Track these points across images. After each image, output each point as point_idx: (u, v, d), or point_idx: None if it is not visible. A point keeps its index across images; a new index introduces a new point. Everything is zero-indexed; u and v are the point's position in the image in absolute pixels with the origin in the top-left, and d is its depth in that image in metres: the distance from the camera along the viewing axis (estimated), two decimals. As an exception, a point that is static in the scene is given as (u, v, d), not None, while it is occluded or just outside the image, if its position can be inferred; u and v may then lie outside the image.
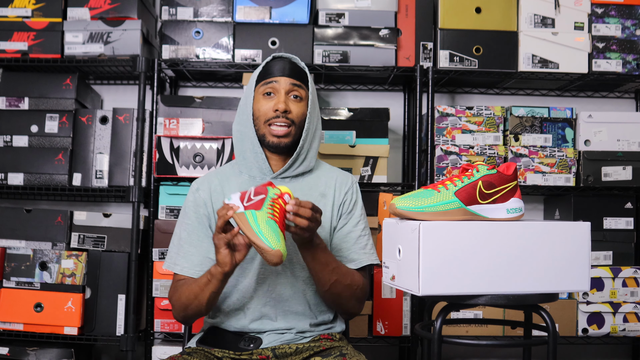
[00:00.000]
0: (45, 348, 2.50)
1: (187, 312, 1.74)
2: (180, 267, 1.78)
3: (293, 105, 1.79)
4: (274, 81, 1.79)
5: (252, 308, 1.76)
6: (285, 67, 1.81)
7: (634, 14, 2.73)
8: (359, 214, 1.86)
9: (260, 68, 1.84)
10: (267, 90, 1.80)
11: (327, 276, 1.70)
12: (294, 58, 1.85)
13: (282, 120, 1.77)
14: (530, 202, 2.98)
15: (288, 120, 1.77)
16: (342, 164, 2.58)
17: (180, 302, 1.74)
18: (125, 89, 3.00)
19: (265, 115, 1.79)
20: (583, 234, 1.57)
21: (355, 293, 1.78)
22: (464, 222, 1.52)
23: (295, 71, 1.81)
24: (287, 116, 1.77)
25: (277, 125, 1.77)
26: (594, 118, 2.68)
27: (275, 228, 1.50)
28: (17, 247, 2.57)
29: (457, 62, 2.70)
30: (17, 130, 2.66)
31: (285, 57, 1.85)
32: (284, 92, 1.79)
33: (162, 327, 2.57)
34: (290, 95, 1.80)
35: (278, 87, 1.79)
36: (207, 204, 1.80)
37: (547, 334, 1.56)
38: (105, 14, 2.66)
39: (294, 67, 1.82)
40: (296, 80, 1.80)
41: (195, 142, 2.57)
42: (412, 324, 2.58)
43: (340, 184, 1.86)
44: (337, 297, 1.76)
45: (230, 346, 1.73)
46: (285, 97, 1.79)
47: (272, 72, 1.81)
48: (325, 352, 1.70)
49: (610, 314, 2.64)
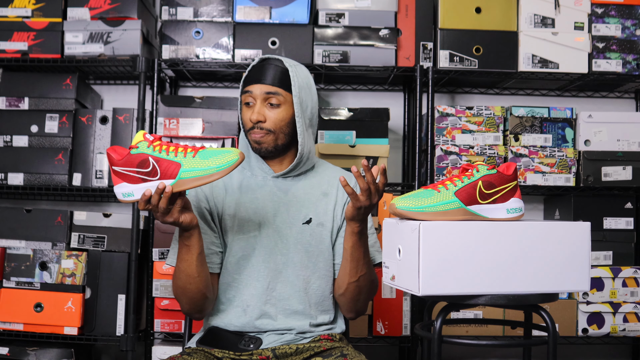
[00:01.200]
0: (45, 348, 2.50)
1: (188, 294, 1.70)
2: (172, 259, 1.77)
3: (270, 112, 1.76)
4: (249, 91, 1.78)
5: (252, 306, 1.76)
6: (262, 73, 1.77)
7: (634, 14, 2.73)
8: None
9: (246, 72, 1.82)
10: (246, 100, 1.79)
11: (361, 266, 1.72)
12: (279, 60, 1.79)
13: (257, 130, 1.77)
14: (530, 202, 2.98)
15: (263, 131, 1.76)
16: (342, 164, 2.57)
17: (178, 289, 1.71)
18: (125, 89, 3.00)
19: (245, 125, 1.80)
20: (583, 234, 1.57)
21: (374, 291, 1.82)
22: (464, 222, 1.52)
23: (274, 76, 1.77)
24: (262, 126, 1.76)
25: (255, 135, 1.78)
26: (594, 118, 2.68)
27: (196, 158, 1.49)
28: (17, 247, 2.58)
29: (457, 62, 2.70)
30: (17, 130, 2.66)
31: (271, 59, 1.80)
32: (260, 102, 1.77)
33: (162, 327, 2.57)
34: (267, 102, 1.77)
35: (254, 96, 1.77)
36: (209, 198, 1.80)
37: (547, 334, 1.56)
38: (105, 14, 2.66)
39: (275, 70, 1.77)
40: (272, 87, 1.76)
41: (196, 142, 2.57)
42: (412, 324, 2.58)
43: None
44: (359, 291, 1.76)
45: (231, 346, 1.73)
46: (260, 106, 1.76)
47: (249, 80, 1.79)
48: (326, 353, 1.69)
49: (610, 314, 2.64)
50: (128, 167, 1.50)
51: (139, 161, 1.49)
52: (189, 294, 1.70)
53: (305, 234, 1.78)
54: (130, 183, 1.51)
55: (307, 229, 1.78)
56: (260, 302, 1.76)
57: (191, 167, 1.49)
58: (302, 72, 1.80)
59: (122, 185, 1.51)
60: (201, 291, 1.70)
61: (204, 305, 1.74)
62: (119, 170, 1.50)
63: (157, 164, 1.49)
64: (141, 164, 1.49)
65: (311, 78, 1.84)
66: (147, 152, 1.49)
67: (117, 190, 1.53)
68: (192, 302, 1.72)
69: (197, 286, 1.69)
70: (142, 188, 1.51)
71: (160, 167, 1.49)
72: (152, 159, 1.49)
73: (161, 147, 1.50)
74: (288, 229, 1.78)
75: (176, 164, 1.49)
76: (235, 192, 1.81)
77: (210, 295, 1.74)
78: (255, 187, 1.81)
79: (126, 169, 1.50)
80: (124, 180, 1.51)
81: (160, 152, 1.49)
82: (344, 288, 1.76)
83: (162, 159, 1.49)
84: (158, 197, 1.50)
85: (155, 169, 1.49)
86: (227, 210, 1.79)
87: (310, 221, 1.79)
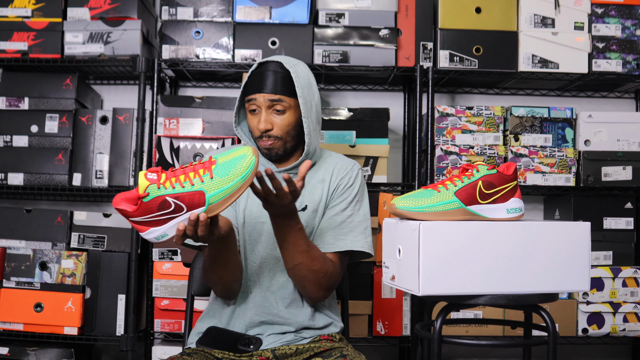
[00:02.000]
0: (45, 348, 2.50)
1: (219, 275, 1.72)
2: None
3: (277, 119, 1.76)
4: (253, 99, 1.76)
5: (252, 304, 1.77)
6: (264, 80, 1.75)
7: (634, 14, 2.73)
8: (350, 200, 1.81)
9: (246, 78, 1.80)
10: (251, 107, 1.78)
11: (293, 256, 1.68)
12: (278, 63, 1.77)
13: (265, 139, 1.77)
14: (530, 202, 2.98)
15: (271, 138, 1.76)
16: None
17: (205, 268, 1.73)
18: (125, 89, 3.00)
19: (254, 133, 1.79)
20: (583, 234, 1.57)
21: (320, 280, 1.73)
22: (464, 222, 1.52)
23: (276, 83, 1.75)
24: (270, 134, 1.76)
25: (264, 142, 1.78)
26: (594, 118, 2.68)
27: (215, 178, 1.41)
28: (17, 247, 2.57)
29: (457, 62, 2.70)
30: (17, 130, 2.66)
31: (270, 62, 1.77)
32: (265, 109, 1.76)
33: (162, 327, 2.57)
34: (272, 109, 1.76)
35: (258, 104, 1.76)
36: None
37: (547, 334, 1.56)
38: (105, 14, 2.66)
39: (276, 77, 1.75)
40: (275, 95, 1.74)
41: (195, 142, 2.57)
42: (412, 324, 2.58)
43: (339, 169, 1.84)
44: (300, 278, 1.72)
45: (230, 347, 1.73)
46: (266, 114, 1.75)
47: (253, 88, 1.77)
48: (326, 353, 1.69)
49: (610, 314, 2.64)
50: (148, 215, 1.40)
51: (157, 205, 1.39)
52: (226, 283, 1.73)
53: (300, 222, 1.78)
54: (157, 226, 1.42)
55: (302, 216, 1.78)
56: (262, 289, 1.77)
57: (216, 190, 1.41)
58: (302, 71, 1.79)
59: (152, 231, 1.42)
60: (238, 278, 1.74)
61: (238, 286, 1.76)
62: (140, 220, 1.41)
63: (179, 200, 1.40)
64: (161, 207, 1.39)
65: (311, 74, 1.83)
66: (161, 193, 1.39)
67: (148, 237, 1.43)
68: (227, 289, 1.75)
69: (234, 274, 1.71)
70: (173, 225, 1.42)
71: (184, 202, 1.40)
72: (171, 198, 1.39)
73: (171, 181, 1.40)
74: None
75: (200, 193, 1.40)
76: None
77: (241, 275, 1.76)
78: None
79: (147, 218, 1.40)
80: (150, 226, 1.41)
81: (174, 188, 1.40)
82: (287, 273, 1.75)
83: (182, 194, 1.39)
84: (193, 228, 1.44)
85: (179, 205, 1.40)
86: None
87: (306, 208, 1.79)
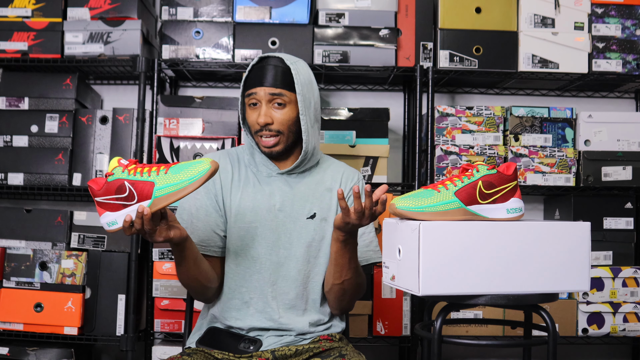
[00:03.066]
0: (45, 348, 2.50)
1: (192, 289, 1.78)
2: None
3: (277, 113, 1.76)
4: (254, 92, 1.77)
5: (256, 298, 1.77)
6: (265, 74, 1.76)
7: (634, 14, 2.73)
8: None
9: (247, 72, 1.80)
10: (251, 101, 1.78)
11: (345, 272, 1.72)
12: (279, 58, 1.78)
13: (266, 132, 1.77)
14: (530, 202, 2.98)
15: (273, 132, 1.77)
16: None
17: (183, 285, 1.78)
18: (125, 89, 3.00)
19: (253, 127, 1.79)
20: (583, 234, 1.57)
21: (359, 293, 1.82)
22: (464, 222, 1.52)
23: (276, 77, 1.76)
24: (270, 128, 1.76)
25: (264, 137, 1.78)
26: (594, 118, 2.68)
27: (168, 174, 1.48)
28: (17, 247, 2.57)
29: (457, 62, 2.70)
30: (17, 130, 2.66)
31: (271, 57, 1.79)
32: (265, 103, 1.76)
33: (162, 327, 2.57)
34: (273, 103, 1.76)
35: (259, 98, 1.76)
36: (216, 180, 1.82)
37: (547, 334, 1.56)
38: (105, 14, 2.66)
39: (277, 70, 1.76)
40: (276, 89, 1.75)
41: (195, 142, 2.57)
42: (412, 324, 2.58)
43: (346, 179, 1.87)
44: (343, 293, 1.77)
45: (230, 348, 1.73)
46: (266, 108, 1.76)
47: (253, 81, 1.77)
48: (325, 353, 1.70)
49: (610, 314, 2.64)
50: (107, 196, 1.49)
51: (115, 188, 1.48)
52: (193, 289, 1.78)
53: (308, 229, 1.79)
54: (111, 211, 1.50)
55: (310, 224, 1.79)
56: (262, 294, 1.77)
57: (164, 184, 1.48)
58: (303, 68, 1.80)
59: (105, 215, 1.50)
60: (203, 285, 1.76)
61: (209, 293, 1.80)
62: (101, 201, 1.49)
63: (133, 187, 1.48)
64: (118, 190, 1.48)
65: (311, 73, 1.84)
66: (122, 176, 1.48)
67: (102, 220, 1.52)
68: (198, 294, 1.80)
69: (199, 283, 1.75)
70: (124, 214, 1.50)
71: (136, 189, 1.48)
72: (128, 183, 1.48)
73: (135, 169, 1.49)
74: (292, 223, 1.78)
75: (150, 184, 1.48)
76: (242, 182, 1.82)
77: (214, 284, 1.79)
78: (261, 182, 1.83)
79: (106, 198, 1.49)
80: (106, 210, 1.50)
81: (134, 175, 1.48)
82: (329, 287, 1.78)
83: (136, 181, 1.48)
84: (140, 221, 1.49)
85: (132, 192, 1.48)
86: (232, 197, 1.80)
87: (315, 216, 1.80)
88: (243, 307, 1.77)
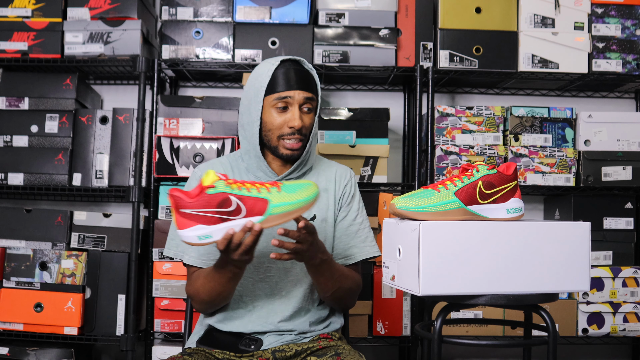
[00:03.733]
0: (45, 348, 2.50)
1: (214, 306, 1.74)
2: (189, 256, 1.76)
3: (306, 118, 1.75)
4: (289, 96, 1.72)
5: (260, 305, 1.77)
6: (299, 78, 1.73)
7: (634, 14, 2.73)
8: (356, 207, 1.86)
9: (270, 76, 1.73)
10: (279, 104, 1.73)
11: (330, 286, 1.72)
12: (302, 62, 1.76)
13: (297, 136, 1.73)
14: (530, 202, 2.98)
15: (299, 136, 1.74)
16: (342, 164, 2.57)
17: (201, 298, 1.72)
18: (125, 89, 3.00)
19: (279, 130, 1.74)
20: (583, 234, 1.57)
21: (354, 294, 1.82)
22: (464, 222, 1.52)
23: (307, 81, 1.74)
24: (302, 132, 1.74)
25: (292, 141, 1.74)
26: (594, 118, 2.68)
27: (282, 192, 1.46)
28: (17, 247, 2.57)
29: (457, 62, 2.70)
30: (17, 130, 2.66)
31: (294, 61, 1.75)
32: (298, 107, 1.73)
33: (162, 327, 2.57)
34: (303, 107, 1.74)
35: (292, 101, 1.73)
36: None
37: (547, 334, 1.56)
38: (105, 14, 2.66)
39: (305, 75, 1.75)
40: (309, 93, 1.74)
41: (195, 142, 2.57)
42: (412, 324, 2.58)
43: (339, 177, 1.87)
44: (338, 300, 1.79)
45: (231, 347, 1.73)
46: (299, 112, 1.73)
47: (287, 84, 1.72)
48: (321, 352, 1.69)
49: (610, 314, 2.64)
50: (205, 208, 1.41)
51: (218, 201, 1.41)
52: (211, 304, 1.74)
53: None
54: (206, 224, 1.42)
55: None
56: (267, 301, 1.76)
57: (280, 202, 1.44)
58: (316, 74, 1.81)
59: (197, 228, 1.42)
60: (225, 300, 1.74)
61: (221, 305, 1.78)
62: (190, 213, 1.41)
63: (242, 202, 1.43)
64: (222, 203, 1.41)
65: None
66: (226, 190, 1.42)
67: (189, 233, 1.43)
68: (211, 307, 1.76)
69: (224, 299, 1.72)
70: (223, 228, 1.43)
71: (245, 205, 1.43)
72: (235, 198, 1.42)
73: (237, 184, 1.44)
74: (294, 226, 1.78)
75: (264, 200, 1.43)
76: None
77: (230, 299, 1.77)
78: None
79: (202, 210, 1.41)
80: (198, 222, 1.42)
81: (240, 190, 1.43)
82: (323, 299, 1.79)
83: (247, 197, 1.43)
84: (242, 235, 1.45)
85: (239, 207, 1.42)
86: None
87: (315, 218, 1.80)
88: (246, 315, 1.77)
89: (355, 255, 1.82)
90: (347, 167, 1.92)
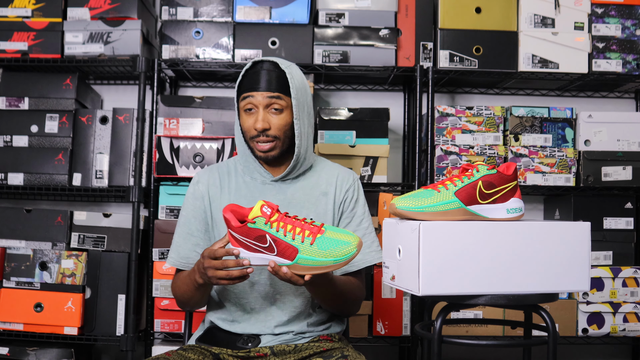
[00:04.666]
0: (45, 348, 2.50)
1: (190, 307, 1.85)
2: (170, 258, 1.83)
3: (274, 118, 1.73)
4: (251, 96, 1.73)
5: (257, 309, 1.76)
6: (261, 79, 1.72)
7: (634, 14, 2.73)
8: (361, 212, 1.85)
9: (240, 77, 1.76)
10: (246, 107, 1.74)
11: (331, 303, 1.75)
12: (275, 61, 1.74)
13: (263, 138, 1.74)
14: (530, 202, 2.98)
15: (269, 137, 1.73)
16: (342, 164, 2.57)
17: (177, 298, 1.83)
18: (125, 89, 3.00)
19: (249, 132, 1.75)
20: (583, 234, 1.57)
21: (357, 302, 1.83)
22: (464, 222, 1.52)
23: (273, 81, 1.72)
24: (268, 133, 1.73)
25: (261, 142, 1.75)
26: (594, 118, 2.68)
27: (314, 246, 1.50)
28: (17, 247, 2.58)
29: (457, 62, 2.70)
30: (17, 130, 2.66)
31: (265, 62, 1.74)
32: (262, 108, 1.73)
33: (162, 327, 2.57)
34: (270, 108, 1.73)
35: (256, 102, 1.73)
36: (205, 197, 1.80)
37: (547, 334, 1.56)
38: (105, 14, 2.66)
39: (272, 75, 1.73)
40: (273, 93, 1.72)
41: (195, 142, 2.57)
42: (412, 324, 2.58)
43: (341, 181, 1.85)
44: (343, 310, 1.82)
45: (229, 345, 1.73)
46: (264, 113, 1.72)
47: (249, 86, 1.73)
48: (327, 354, 1.69)
49: (610, 314, 2.64)
50: (245, 238, 1.51)
51: (256, 235, 1.50)
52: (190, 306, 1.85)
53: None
54: (246, 250, 1.52)
55: None
56: (265, 305, 1.76)
57: (308, 256, 1.49)
58: (297, 73, 1.77)
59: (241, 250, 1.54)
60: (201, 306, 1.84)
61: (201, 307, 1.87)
62: (236, 237, 1.52)
63: (275, 243, 1.50)
64: (259, 238, 1.50)
65: (304, 77, 1.82)
66: (264, 229, 1.49)
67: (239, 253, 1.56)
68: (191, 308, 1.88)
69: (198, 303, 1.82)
70: (260, 257, 1.52)
71: (277, 246, 1.50)
72: (270, 237, 1.49)
73: (279, 224, 1.50)
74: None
75: (294, 249, 1.49)
76: (232, 194, 1.81)
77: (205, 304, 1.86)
78: (254, 190, 1.80)
79: (243, 239, 1.51)
80: (241, 246, 1.52)
81: (277, 232, 1.49)
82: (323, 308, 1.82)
83: (280, 240, 1.49)
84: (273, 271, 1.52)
85: (272, 246, 1.50)
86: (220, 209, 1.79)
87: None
88: (245, 318, 1.77)
89: (358, 262, 1.81)
90: (351, 171, 1.90)
